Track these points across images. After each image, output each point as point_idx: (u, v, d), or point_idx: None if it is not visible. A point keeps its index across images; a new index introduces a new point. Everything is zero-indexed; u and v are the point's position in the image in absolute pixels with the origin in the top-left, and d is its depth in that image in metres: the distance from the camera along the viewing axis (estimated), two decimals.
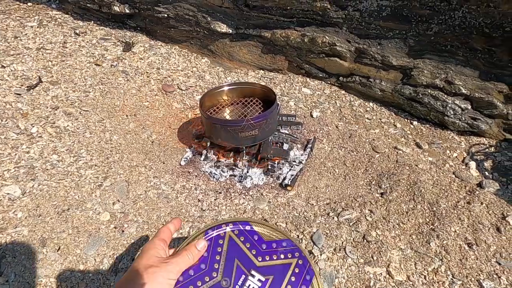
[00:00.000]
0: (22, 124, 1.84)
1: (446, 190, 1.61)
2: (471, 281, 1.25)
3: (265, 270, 0.65)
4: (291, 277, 0.65)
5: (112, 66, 2.46)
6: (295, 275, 0.65)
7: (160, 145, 1.91)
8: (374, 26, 2.06)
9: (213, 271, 0.63)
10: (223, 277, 0.63)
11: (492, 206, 1.53)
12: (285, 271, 0.65)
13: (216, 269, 0.63)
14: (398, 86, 2.12)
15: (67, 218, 1.41)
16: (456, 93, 1.94)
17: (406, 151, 1.87)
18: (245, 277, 0.64)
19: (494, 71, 1.86)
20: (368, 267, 1.29)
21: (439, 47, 1.95)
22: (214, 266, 0.63)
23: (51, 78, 2.25)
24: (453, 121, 1.98)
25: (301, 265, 0.66)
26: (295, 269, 0.65)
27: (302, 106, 2.22)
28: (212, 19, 2.48)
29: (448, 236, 1.39)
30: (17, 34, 2.67)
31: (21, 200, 1.47)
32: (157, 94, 2.28)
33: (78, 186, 1.56)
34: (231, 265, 0.64)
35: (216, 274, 0.62)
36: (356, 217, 1.49)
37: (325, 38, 2.18)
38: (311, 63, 2.39)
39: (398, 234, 1.41)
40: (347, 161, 1.84)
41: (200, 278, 0.63)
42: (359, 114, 2.17)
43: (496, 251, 1.35)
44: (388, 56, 2.08)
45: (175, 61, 2.64)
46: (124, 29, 2.94)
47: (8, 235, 1.33)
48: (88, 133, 1.87)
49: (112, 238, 1.37)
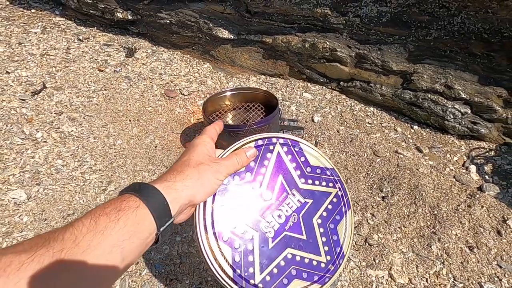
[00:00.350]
0: (27, 129, 1.86)
1: (446, 194, 1.63)
2: (473, 284, 1.27)
3: (305, 192, 0.66)
4: (328, 205, 0.66)
5: (115, 72, 2.48)
6: (332, 204, 0.67)
7: (163, 150, 1.93)
8: (374, 31, 2.09)
9: (256, 182, 0.63)
10: (266, 190, 0.64)
11: (492, 209, 1.55)
12: (324, 198, 0.67)
13: (260, 181, 0.64)
14: (398, 90, 2.14)
15: None
16: (456, 98, 1.97)
17: (407, 155, 1.88)
18: (287, 195, 0.65)
19: (493, 75, 1.88)
20: (370, 270, 1.31)
21: (439, 52, 1.97)
22: (258, 178, 0.64)
23: (55, 83, 2.28)
24: (453, 125, 2.00)
25: (340, 196, 0.68)
26: (334, 199, 0.67)
27: (303, 111, 2.24)
28: (214, 25, 2.51)
29: (449, 239, 1.40)
30: (21, 40, 2.70)
31: (26, 204, 1.48)
32: (159, 99, 2.30)
33: (82, 191, 1.58)
34: (275, 180, 0.65)
35: (259, 185, 0.63)
36: (358, 221, 1.50)
37: (326, 43, 2.21)
38: (312, 68, 2.41)
39: (400, 238, 1.42)
40: (348, 165, 1.85)
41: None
42: (360, 118, 2.19)
43: (497, 254, 1.37)
44: (388, 61, 2.11)
45: (178, 67, 2.67)
46: (126, 35, 2.98)
47: (14, 239, 1.35)
48: (92, 138, 1.89)
49: None
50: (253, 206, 0.63)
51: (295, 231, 0.64)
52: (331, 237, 0.65)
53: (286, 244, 0.62)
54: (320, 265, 0.63)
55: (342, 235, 0.66)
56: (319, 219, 0.65)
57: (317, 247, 0.63)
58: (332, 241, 0.65)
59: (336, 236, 0.65)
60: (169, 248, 1.38)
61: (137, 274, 1.28)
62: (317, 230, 0.64)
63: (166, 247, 1.38)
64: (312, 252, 0.63)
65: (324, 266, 0.63)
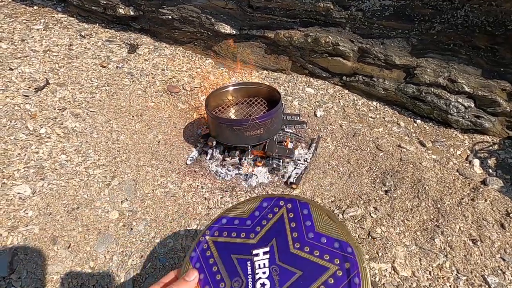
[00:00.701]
0: (31, 125, 1.87)
1: (450, 188, 1.63)
2: (476, 276, 1.27)
3: (295, 260, 0.55)
4: (321, 286, 0.52)
5: (117, 68, 2.49)
6: (327, 286, 0.52)
7: (166, 145, 1.93)
8: (377, 25, 2.08)
9: (252, 232, 0.60)
10: (255, 245, 0.58)
11: (496, 203, 1.54)
12: (318, 275, 0.53)
13: (256, 232, 0.60)
14: (401, 85, 2.13)
15: (77, 217, 1.44)
16: (459, 92, 1.96)
17: (410, 149, 1.88)
18: (271, 260, 0.56)
19: (497, 69, 1.87)
20: (373, 263, 1.31)
21: (442, 46, 1.96)
22: (256, 228, 0.60)
23: (58, 80, 2.28)
24: (457, 119, 1.99)
25: (340, 278, 0.52)
26: (330, 279, 0.52)
27: (306, 106, 2.24)
28: (216, 20, 2.50)
29: (452, 233, 1.40)
30: (23, 37, 2.71)
31: (31, 199, 1.50)
32: (162, 95, 2.31)
33: (86, 185, 1.59)
34: (267, 241, 0.58)
35: (253, 236, 0.59)
36: (361, 214, 1.50)
37: (328, 38, 2.20)
38: (315, 63, 2.40)
39: (403, 231, 1.43)
40: (351, 159, 1.85)
41: (238, 231, 0.61)
42: (363, 113, 2.18)
43: (500, 247, 1.37)
44: (391, 55, 2.10)
45: (180, 62, 2.67)
46: (128, 31, 2.98)
47: (19, 233, 1.36)
48: (95, 133, 1.90)
49: (121, 236, 1.39)
50: (237, 254, 0.58)
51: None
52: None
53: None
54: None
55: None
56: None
57: None
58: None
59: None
60: (173, 241, 1.39)
61: (141, 267, 1.29)
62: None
63: (170, 240, 1.39)
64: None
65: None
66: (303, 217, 0.60)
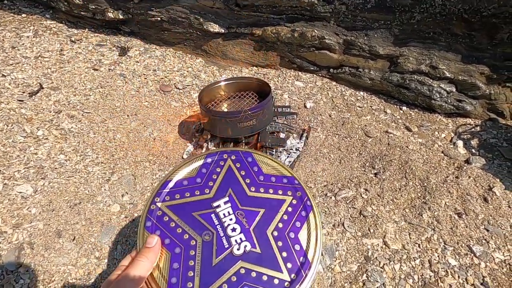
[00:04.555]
0: (28, 128, 1.90)
1: (435, 167, 1.71)
2: (462, 246, 1.35)
3: (255, 201, 0.61)
4: (284, 215, 0.60)
5: (109, 70, 2.53)
6: (288, 214, 0.60)
7: (162, 141, 1.99)
8: (360, 18, 2.16)
9: (206, 188, 0.61)
10: (213, 199, 0.60)
11: (479, 179, 1.63)
12: (278, 208, 0.60)
13: (210, 187, 0.61)
14: (386, 74, 2.22)
15: (80, 211, 1.49)
16: (441, 77, 2.05)
17: (397, 134, 1.96)
18: (234, 205, 0.60)
19: (475, 54, 1.97)
20: (365, 239, 1.38)
21: (423, 34, 2.05)
22: (209, 183, 0.62)
23: (51, 84, 2.32)
24: (440, 104, 2.08)
25: (295, 205, 0.61)
26: (289, 208, 0.61)
27: (296, 98, 2.31)
28: (204, 20, 2.57)
29: (439, 208, 1.49)
30: (14, 44, 2.73)
31: (33, 197, 1.54)
32: (155, 94, 2.36)
33: (87, 182, 1.63)
34: (224, 192, 0.62)
35: (208, 191, 0.61)
36: (352, 196, 1.58)
37: (314, 32, 2.28)
38: (302, 57, 2.48)
39: (392, 209, 1.50)
40: (341, 146, 1.93)
41: (191, 191, 0.61)
42: (351, 102, 2.26)
43: (484, 219, 1.45)
44: (375, 46, 2.18)
45: (171, 63, 2.72)
46: (118, 35, 3.02)
47: (24, 230, 1.40)
48: (92, 133, 1.95)
49: (124, 227, 1.45)
50: (198, 211, 0.59)
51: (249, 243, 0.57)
52: (293, 248, 0.57)
53: (237, 257, 0.56)
54: (283, 284, 0.54)
55: (305, 242, 0.58)
56: (275, 231, 0.58)
57: (276, 263, 0.56)
58: (295, 253, 0.57)
59: (299, 245, 0.57)
60: None
61: None
62: (273, 244, 0.57)
63: None
64: (271, 268, 0.55)
65: (288, 285, 0.54)
66: (249, 164, 0.65)
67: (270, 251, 0.57)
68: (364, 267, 1.29)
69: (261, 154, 0.67)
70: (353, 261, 1.32)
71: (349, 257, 1.33)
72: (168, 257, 0.55)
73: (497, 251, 1.32)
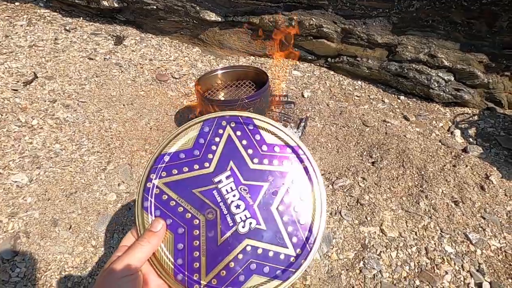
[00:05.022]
0: (23, 117, 1.88)
1: (433, 156, 1.71)
2: (458, 234, 1.35)
3: (259, 174, 0.57)
4: (288, 188, 0.57)
5: (105, 60, 2.50)
6: (292, 185, 0.57)
7: (158, 131, 1.97)
8: (358, 6, 2.14)
9: (205, 162, 0.57)
10: (214, 173, 0.56)
11: (476, 167, 1.63)
12: (282, 180, 0.57)
13: (210, 160, 0.57)
14: (384, 63, 2.20)
15: (76, 200, 1.48)
16: (439, 66, 2.04)
17: (394, 124, 1.96)
18: (236, 180, 0.56)
19: (473, 42, 1.95)
20: (362, 227, 1.38)
21: (421, 22, 2.03)
22: (208, 156, 0.57)
23: (46, 73, 2.29)
24: (438, 93, 2.07)
25: (302, 174, 0.58)
26: (293, 179, 0.58)
27: (294, 88, 2.29)
28: (200, 8, 2.53)
29: (436, 196, 1.49)
30: (7, 33, 2.69)
31: (29, 186, 1.53)
32: (151, 83, 2.33)
33: (83, 171, 1.62)
34: (225, 165, 0.57)
35: (208, 165, 0.57)
36: (350, 184, 1.58)
37: (312, 20, 2.26)
38: (300, 46, 2.46)
39: (390, 197, 1.50)
40: (339, 136, 1.92)
41: (189, 164, 0.57)
42: (349, 92, 2.25)
43: (480, 207, 1.45)
44: (373, 34, 2.16)
45: (167, 52, 2.69)
46: (113, 24, 2.98)
47: (20, 219, 1.39)
48: (87, 122, 1.93)
49: (120, 215, 1.44)
50: (198, 187, 0.56)
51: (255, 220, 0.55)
52: (298, 222, 0.56)
53: (243, 235, 0.54)
54: (288, 259, 0.54)
55: (310, 215, 0.56)
56: (280, 205, 0.56)
57: (281, 239, 0.55)
58: (300, 227, 0.56)
59: (304, 219, 0.56)
60: None
61: None
62: (278, 219, 0.56)
63: None
64: (277, 244, 0.55)
65: (294, 260, 0.54)
66: (250, 132, 0.59)
67: (275, 227, 0.55)
68: (361, 255, 1.29)
69: (263, 120, 0.61)
70: (350, 249, 1.32)
71: (346, 245, 1.34)
72: (171, 238, 0.53)
73: (493, 239, 1.33)
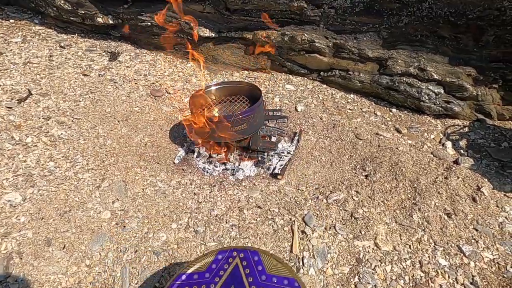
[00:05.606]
0: (17, 135, 1.88)
1: (425, 168, 1.73)
2: (452, 246, 1.36)
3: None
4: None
5: (100, 76, 2.52)
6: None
7: (153, 147, 1.98)
8: (349, 21, 2.19)
9: (212, 283, 0.67)
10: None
11: (467, 179, 1.65)
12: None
13: (216, 283, 0.67)
14: (375, 76, 2.24)
15: (70, 219, 1.47)
16: (429, 79, 2.08)
17: (387, 136, 1.98)
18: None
19: (462, 56, 2.00)
20: (357, 241, 1.39)
21: (411, 37, 2.08)
22: (215, 279, 0.68)
23: (40, 90, 2.30)
24: (429, 105, 2.11)
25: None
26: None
27: (287, 102, 2.32)
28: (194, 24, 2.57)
29: (429, 209, 1.50)
30: (1, 50, 2.70)
31: (22, 205, 1.52)
32: (146, 99, 2.35)
33: (77, 189, 1.62)
34: (228, 287, 0.67)
35: (213, 286, 0.67)
36: (344, 198, 1.59)
37: (304, 35, 2.30)
38: (293, 61, 2.50)
39: (383, 210, 1.52)
40: (333, 149, 1.94)
41: (198, 284, 0.67)
42: (341, 105, 2.28)
43: (473, 219, 1.47)
44: (364, 49, 2.21)
45: (161, 67, 2.72)
46: (108, 40, 3.01)
47: (13, 239, 1.38)
48: (82, 139, 1.93)
49: (114, 234, 1.43)
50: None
51: None
52: None
53: None
54: None
55: None
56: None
57: None
58: None
59: None
60: (166, 235, 1.44)
61: (136, 261, 1.33)
62: None
63: (162, 234, 1.44)
64: None
65: None
66: (254, 263, 0.70)
67: None
68: (356, 269, 1.30)
69: (267, 254, 0.72)
70: (345, 264, 1.33)
71: (341, 260, 1.34)
72: None
73: (486, 251, 1.34)
